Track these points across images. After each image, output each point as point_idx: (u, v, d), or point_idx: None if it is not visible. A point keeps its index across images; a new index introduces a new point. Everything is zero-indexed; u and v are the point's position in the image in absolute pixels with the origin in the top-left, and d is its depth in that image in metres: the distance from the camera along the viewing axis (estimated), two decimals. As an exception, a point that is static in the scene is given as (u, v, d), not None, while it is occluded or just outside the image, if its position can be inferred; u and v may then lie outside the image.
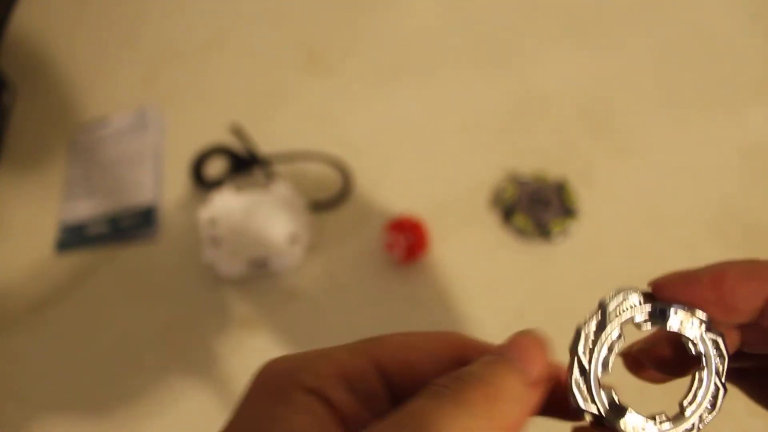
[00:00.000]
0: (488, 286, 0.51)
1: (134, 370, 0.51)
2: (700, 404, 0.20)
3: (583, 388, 0.20)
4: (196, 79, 0.65)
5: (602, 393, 0.20)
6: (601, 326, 0.20)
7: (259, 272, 0.53)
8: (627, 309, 0.21)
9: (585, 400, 0.20)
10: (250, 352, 0.51)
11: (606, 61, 0.60)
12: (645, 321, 0.21)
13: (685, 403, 0.20)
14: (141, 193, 0.59)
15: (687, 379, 0.21)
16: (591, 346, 0.20)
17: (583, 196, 0.53)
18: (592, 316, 0.21)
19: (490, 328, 0.49)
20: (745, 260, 0.19)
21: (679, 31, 0.60)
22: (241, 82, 0.63)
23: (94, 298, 0.55)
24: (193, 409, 0.49)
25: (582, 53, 0.60)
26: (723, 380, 0.20)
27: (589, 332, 0.20)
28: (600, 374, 0.20)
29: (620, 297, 0.21)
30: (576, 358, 0.20)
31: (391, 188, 0.56)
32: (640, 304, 0.21)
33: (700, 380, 0.20)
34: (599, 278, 0.49)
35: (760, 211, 0.51)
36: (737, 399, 0.21)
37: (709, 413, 0.20)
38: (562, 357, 0.20)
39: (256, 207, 0.54)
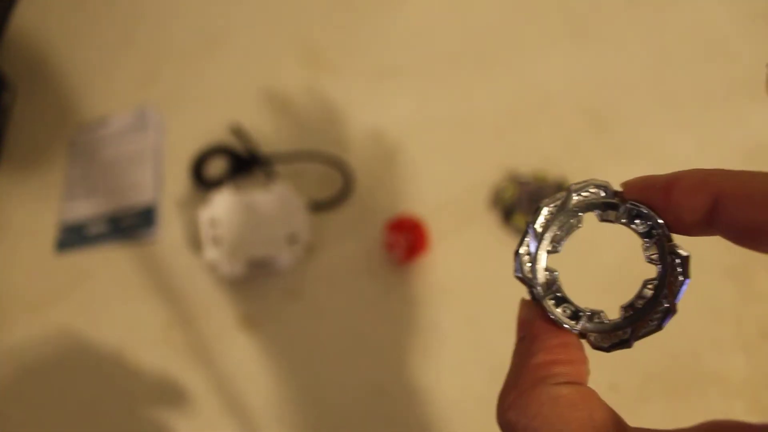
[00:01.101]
0: (488, 286, 0.51)
1: (134, 370, 0.51)
2: (641, 314, 0.19)
3: (528, 259, 0.20)
4: (196, 79, 0.65)
5: (545, 270, 0.20)
6: (563, 207, 0.21)
7: (259, 272, 0.53)
8: (592, 198, 0.21)
9: (526, 271, 0.20)
10: (250, 352, 0.51)
11: (606, 60, 0.60)
12: (603, 213, 0.21)
13: (626, 309, 0.20)
14: (141, 193, 0.59)
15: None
16: (546, 223, 0.20)
17: (583, 196, 0.53)
18: (557, 197, 0.21)
19: (491, 327, 0.49)
20: (701, 171, 0.19)
21: (679, 31, 0.60)
22: (241, 82, 0.63)
23: (94, 298, 0.55)
24: (192, 408, 0.50)
25: (582, 53, 0.60)
26: (677, 301, 0.19)
27: (549, 210, 0.21)
28: (548, 251, 0.20)
29: (588, 186, 0.21)
30: (530, 230, 0.20)
31: (391, 188, 0.56)
32: (604, 196, 0.21)
33: (649, 290, 0.20)
34: (599, 278, 0.49)
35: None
36: (736, 398, 0.21)
37: (650, 328, 0.19)
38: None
39: (256, 207, 0.54)
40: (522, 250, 0.20)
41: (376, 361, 0.49)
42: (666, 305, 0.19)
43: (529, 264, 0.20)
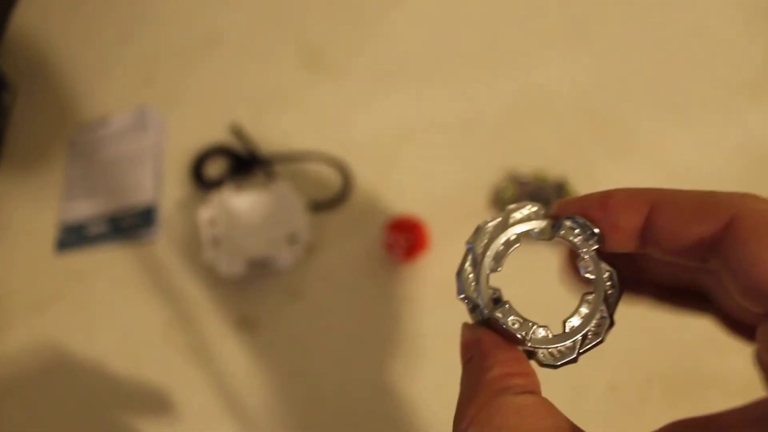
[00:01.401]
0: (488, 286, 0.51)
1: (134, 370, 0.51)
2: (582, 327, 0.20)
3: (471, 278, 0.21)
4: (196, 79, 0.65)
5: (488, 288, 0.20)
6: (502, 227, 0.21)
7: (259, 272, 0.53)
8: (529, 217, 0.21)
9: (471, 290, 0.20)
10: (250, 352, 0.51)
11: (606, 61, 0.60)
12: (541, 231, 0.21)
13: (567, 323, 0.20)
14: (141, 193, 0.59)
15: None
16: (486, 243, 0.21)
17: (583, 196, 0.52)
18: (495, 217, 0.21)
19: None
20: (633, 187, 0.20)
21: (679, 31, 0.60)
22: (241, 82, 0.63)
23: (93, 298, 0.55)
24: (192, 409, 0.50)
25: (582, 53, 0.60)
26: (612, 312, 0.20)
27: (488, 230, 0.21)
28: (490, 270, 0.21)
29: (526, 207, 0.21)
30: (471, 250, 0.21)
31: (391, 188, 0.56)
32: (540, 215, 0.21)
33: (587, 303, 0.20)
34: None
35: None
36: (736, 398, 0.21)
37: (592, 340, 0.20)
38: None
39: (256, 207, 0.54)
40: (464, 271, 0.21)
41: (376, 361, 0.49)
42: (604, 317, 0.20)
43: (473, 284, 0.21)
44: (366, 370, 0.49)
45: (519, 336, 0.19)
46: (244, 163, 0.58)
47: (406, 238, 0.50)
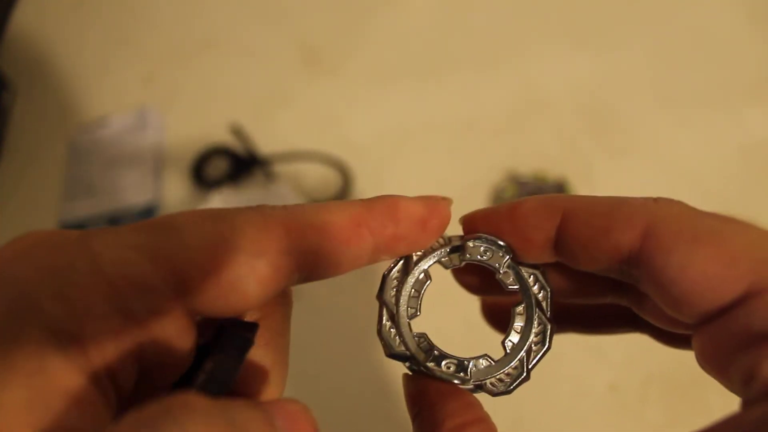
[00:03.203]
0: (488, 286, 0.51)
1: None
2: (524, 340, 0.19)
3: (393, 333, 0.19)
4: (196, 79, 0.65)
5: (414, 337, 0.19)
6: (406, 269, 0.20)
7: (259, 272, 0.53)
8: (432, 248, 0.20)
9: (396, 345, 0.19)
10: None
11: (606, 61, 0.60)
12: (447, 258, 0.20)
13: (507, 342, 0.19)
14: (141, 193, 0.59)
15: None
16: (396, 291, 0.20)
17: (583, 196, 0.53)
18: (397, 261, 0.20)
19: (491, 329, 0.49)
20: (542, 195, 0.19)
21: (679, 31, 0.60)
22: (241, 82, 0.63)
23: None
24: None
25: (582, 54, 0.60)
26: (549, 315, 0.19)
27: (394, 276, 0.20)
28: (409, 317, 0.19)
29: None
30: (383, 305, 0.19)
31: (391, 188, 0.55)
32: (442, 244, 0.20)
33: (520, 315, 0.19)
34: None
35: (759, 210, 0.51)
36: (736, 398, 0.20)
37: (538, 351, 0.19)
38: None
39: (256, 207, 0.54)
40: (383, 327, 0.19)
41: (376, 361, 0.49)
42: (543, 323, 0.19)
43: (397, 338, 0.19)
44: (366, 370, 0.49)
45: (457, 381, 0.19)
46: (244, 163, 0.58)
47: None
